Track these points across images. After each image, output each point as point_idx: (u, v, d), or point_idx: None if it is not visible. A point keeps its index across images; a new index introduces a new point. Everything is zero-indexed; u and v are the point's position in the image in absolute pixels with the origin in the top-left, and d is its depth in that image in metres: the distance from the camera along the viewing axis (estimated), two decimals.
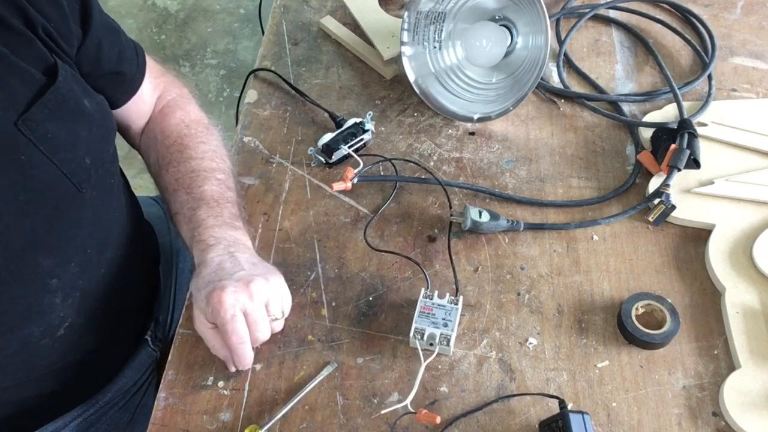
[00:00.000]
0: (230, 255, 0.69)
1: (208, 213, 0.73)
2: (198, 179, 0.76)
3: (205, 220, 0.72)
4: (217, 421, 0.67)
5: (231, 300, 0.64)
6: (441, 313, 0.71)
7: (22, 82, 0.61)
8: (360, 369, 0.71)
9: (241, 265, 0.68)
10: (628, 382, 0.69)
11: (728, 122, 0.89)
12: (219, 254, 0.69)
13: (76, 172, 0.65)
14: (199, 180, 0.76)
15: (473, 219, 0.78)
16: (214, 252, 0.69)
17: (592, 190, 0.85)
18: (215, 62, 2.33)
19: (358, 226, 0.82)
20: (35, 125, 0.61)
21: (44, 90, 0.62)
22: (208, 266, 0.68)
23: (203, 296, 0.65)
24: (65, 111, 0.64)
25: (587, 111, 0.95)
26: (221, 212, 0.74)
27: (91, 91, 0.69)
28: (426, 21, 0.93)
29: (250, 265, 0.69)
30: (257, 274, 0.67)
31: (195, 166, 0.78)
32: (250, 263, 0.69)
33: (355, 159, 0.87)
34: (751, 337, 0.70)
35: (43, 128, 0.61)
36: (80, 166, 0.66)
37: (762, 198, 0.81)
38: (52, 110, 0.62)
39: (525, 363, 0.71)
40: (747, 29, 1.05)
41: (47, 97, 0.62)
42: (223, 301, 0.63)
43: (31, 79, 0.62)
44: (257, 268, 0.69)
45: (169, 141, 0.81)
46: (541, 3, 0.84)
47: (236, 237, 0.72)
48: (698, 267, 0.78)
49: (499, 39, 0.91)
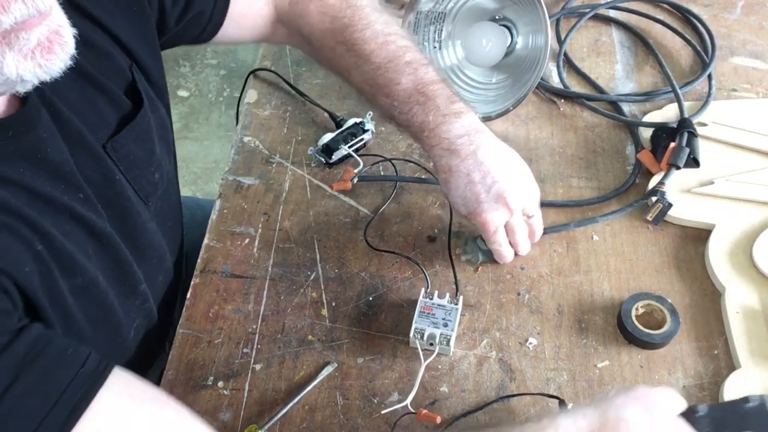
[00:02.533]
0: (474, 161, 0.69)
1: (423, 111, 0.71)
2: (389, 76, 0.72)
3: (424, 121, 0.70)
4: (217, 421, 0.67)
5: (493, 219, 0.70)
6: (441, 313, 0.71)
7: (110, 104, 0.62)
8: (360, 369, 0.71)
9: (491, 175, 0.69)
10: (628, 382, 0.69)
11: (728, 122, 0.89)
12: (462, 161, 0.69)
13: (144, 186, 0.67)
14: (390, 75, 0.72)
15: (485, 250, 0.77)
16: (455, 158, 0.70)
17: (592, 190, 0.85)
18: (215, 62, 2.33)
19: (358, 226, 0.82)
20: (120, 147, 0.63)
21: (132, 114, 0.64)
22: (455, 175, 0.70)
23: (465, 211, 0.72)
24: (147, 133, 0.66)
25: (587, 111, 0.95)
26: (436, 103, 0.71)
27: (158, 103, 0.70)
28: (426, 21, 0.93)
29: (498, 169, 0.70)
30: (509, 184, 0.70)
31: (376, 61, 0.73)
32: (498, 166, 0.70)
33: (355, 159, 0.87)
34: (751, 337, 0.70)
35: (126, 149, 0.63)
36: (150, 181, 0.67)
37: (762, 198, 0.81)
38: (138, 134, 0.65)
39: (525, 363, 0.71)
40: (747, 29, 1.05)
41: (136, 121, 0.64)
42: (487, 222, 0.70)
43: (118, 101, 0.63)
44: (505, 170, 0.70)
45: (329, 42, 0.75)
46: (541, 3, 0.84)
47: (465, 125, 0.71)
48: (698, 267, 0.78)
49: (499, 39, 0.91)
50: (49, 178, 0.55)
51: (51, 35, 0.47)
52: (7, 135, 0.52)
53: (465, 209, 0.71)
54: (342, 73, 0.77)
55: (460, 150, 0.70)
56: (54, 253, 0.54)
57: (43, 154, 0.54)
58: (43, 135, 0.55)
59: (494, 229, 0.71)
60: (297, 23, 0.78)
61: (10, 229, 0.51)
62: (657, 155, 0.85)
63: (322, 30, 0.76)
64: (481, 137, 0.71)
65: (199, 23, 0.75)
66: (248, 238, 0.82)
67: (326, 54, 0.77)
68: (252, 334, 0.73)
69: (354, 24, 0.74)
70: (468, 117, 0.71)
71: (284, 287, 0.77)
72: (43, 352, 0.47)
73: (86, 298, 0.59)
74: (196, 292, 0.77)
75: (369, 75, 0.73)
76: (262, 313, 0.75)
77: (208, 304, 0.76)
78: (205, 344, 0.73)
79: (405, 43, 0.74)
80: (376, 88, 0.73)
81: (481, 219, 0.70)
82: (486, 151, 0.70)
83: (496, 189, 0.69)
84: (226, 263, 0.79)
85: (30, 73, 0.47)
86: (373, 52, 0.73)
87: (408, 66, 0.72)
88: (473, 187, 0.69)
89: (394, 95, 0.72)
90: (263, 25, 0.80)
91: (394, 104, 0.72)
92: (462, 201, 0.71)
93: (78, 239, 0.57)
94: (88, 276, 0.58)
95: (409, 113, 0.71)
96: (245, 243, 0.81)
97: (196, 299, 0.76)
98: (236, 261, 0.79)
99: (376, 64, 0.73)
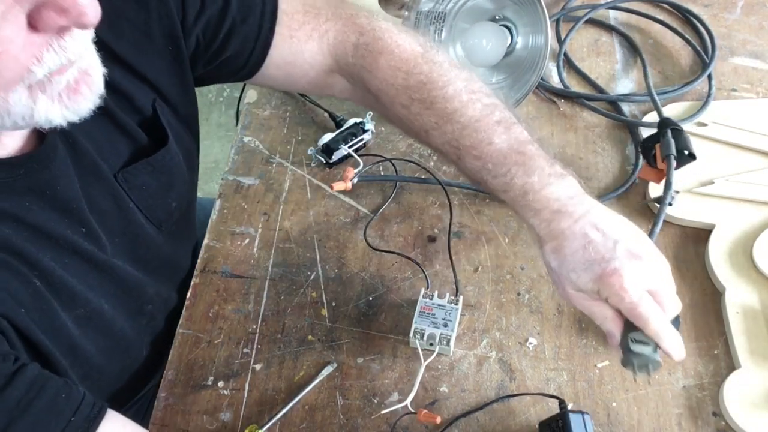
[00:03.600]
0: (589, 222, 0.59)
1: (525, 173, 0.62)
2: (478, 136, 0.64)
3: (527, 183, 0.61)
4: (217, 421, 0.67)
5: (632, 277, 0.56)
6: (441, 313, 0.71)
7: (123, 135, 0.62)
8: (360, 369, 0.71)
9: (613, 234, 0.59)
10: (628, 382, 0.69)
11: (728, 122, 0.89)
12: (575, 222, 0.59)
13: (159, 215, 0.67)
14: (479, 135, 0.64)
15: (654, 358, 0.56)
16: (566, 220, 0.60)
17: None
18: None
19: (358, 226, 0.82)
20: (132, 177, 0.63)
21: (150, 148, 0.64)
22: (570, 238, 0.59)
23: (590, 277, 0.58)
24: (166, 166, 0.66)
25: (587, 111, 0.95)
26: (539, 164, 0.62)
27: (184, 134, 0.70)
28: (426, 21, 0.93)
29: (618, 229, 0.60)
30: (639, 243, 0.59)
31: (462, 120, 0.65)
32: (618, 224, 0.60)
33: (355, 159, 0.87)
34: (751, 337, 0.70)
35: (139, 180, 0.64)
36: (165, 210, 0.68)
37: (762, 198, 0.81)
38: (155, 167, 0.65)
39: (525, 363, 0.71)
40: (747, 29, 1.05)
41: (155, 157, 0.64)
42: (626, 287, 0.55)
43: (133, 134, 0.63)
44: (627, 228, 0.60)
45: (403, 100, 0.68)
46: (541, 3, 0.84)
47: (572, 185, 0.62)
48: (698, 267, 0.78)
49: (499, 39, 0.91)
50: (54, 213, 0.55)
51: (80, 76, 0.47)
52: (19, 172, 0.52)
53: (590, 274, 0.58)
54: (418, 133, 0.69)
55: (573, 211, 0.60)
56: (53, 287, 0.55)
57: (52, 191, 0.55)
58: (56, 173, 0.55)
59: (637, 294, 0.55)
60: (362, 77, 0.70)
61: (8, 267, 0.52)
62: (651, 164, 0.83)
63: (394, 86, 0.68)
64: (590, 199, 0.61)
65: (234, 65, 0.70)
66: (248, 238, 0.82)
67: (398, 112, 0.69)
68: (252, 334, 0.73)
69: (433, 81, 0.67)
70: (572, 178, 0.63)
71: (284, 287, 0.77)
72: (36, 398, 0.47)
73: (91, 327, 0.60)
74: (196, 292, 0.77)
75: (453, 135, 0.65)
76: (262, 313, 0.75)
77: (208, 304, 0.76)
78: (205, 344, 0.73)
79: (491, 100, 0.67)
80: (462, 150, 0.65)
81: (616, 280, 0.56)
82: (600, 211, 0.60)
83: (625, 244, 0.58)
84: (226, 263, 0.79)
85: (59, 116, 0.47)
86: (457, 110, 0.65)
87: (498, 125, 0.64)
88: (595, 246, 0.58)
89: (486, 156, 0.63)
90: (316, 77, 0.72)
91: (487, 167, 0.64)
92: (584, 265, 0.58)
93: (79, 271, 0.58)
94: (90, 306, 0.59)
95: (506, 176, 0.62)
96: (245, 243, 0.81)
97: (196, 299, 0.76)
98: (236, 261, 0.79)
99: (461, 124, 0.65)
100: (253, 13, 0.66)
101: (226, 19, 0.65)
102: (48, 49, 0.43)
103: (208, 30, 0.65)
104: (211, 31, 0.65)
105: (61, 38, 0.43)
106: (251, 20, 0.66)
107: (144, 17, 0.60)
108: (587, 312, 0.60)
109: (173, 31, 0.62)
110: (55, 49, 0.43)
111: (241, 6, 0.65)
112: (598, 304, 0.59)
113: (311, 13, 0.70)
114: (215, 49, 0.67)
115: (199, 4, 0.64)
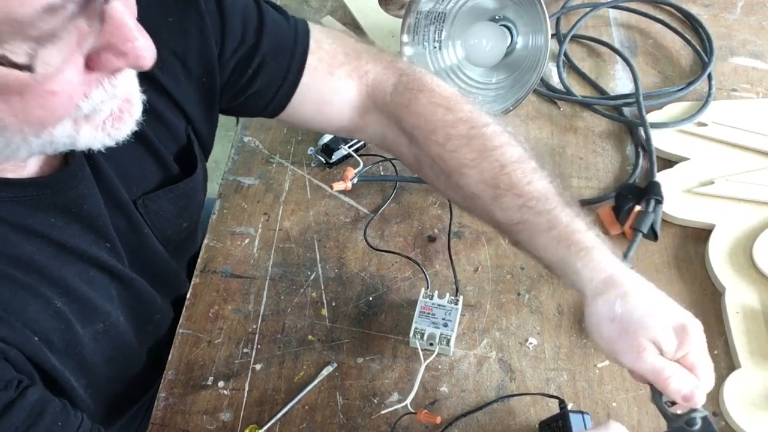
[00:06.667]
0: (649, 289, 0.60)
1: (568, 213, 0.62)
2: (518, 175, 0.64)
3: (573, 221, 0.61)
4: (217, 421, 0.67)
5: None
6: (441, 313, 0.71)
7: (156, 165, 0.63)
8: (360, 369, 0.71)
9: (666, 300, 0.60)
10: (628, 382, 0.69)
11: (728, 122, 0.89)
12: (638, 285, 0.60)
13: (169, 236, 0.67)
14: (519, 174, 0.64)
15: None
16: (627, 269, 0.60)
17: (592, 190, 0.85)
18: None
19: (358, 226, 0.82)
20: (151, 203, 0.63)
21: (177, 178, 0.64)
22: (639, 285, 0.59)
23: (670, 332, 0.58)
24: (187, 193, 0.66)
25: (587, 111, 0.95)
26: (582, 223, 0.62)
27: (203, 163, 0.70)
28: (426, 21, 0.93)
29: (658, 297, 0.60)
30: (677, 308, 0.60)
31: (501, 160, 0.65)
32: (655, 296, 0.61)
33: (355, 159, 0.87)
34: (751, 337, 0.70)
35: (157, 205, 0.63)
36: (176, 231, 0.68)
37: (762, 198, 0.81)
38: (176, 194, 0.65)
39: (525, 363, 0.71)
40: (747, 29, 1.05)
41: (179, 186, 0.64)
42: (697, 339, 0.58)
43: (167, 166, 0.63)
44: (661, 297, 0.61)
45: (439, 137, 0.67)
46: (541, 3, 0.84)
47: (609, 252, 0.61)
48: (698, 267, 0.77)
49: (499, 39, 0.91)
50: (79, 230, 0.56)
51: (122, 104, 0.46)
52: (46, 191, 0.52)
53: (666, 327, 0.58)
54: (451, 174, 0.66)
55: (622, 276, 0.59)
56: (75, 304, 0.55)
57: (78, 209, 0.55)
58: (83, 192, 0.55)
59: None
60: (399, 115, 0.69)
61: (29, 289, 0.51)
62: (619, 215, 0.80)
63: (432, 122, 0.67)
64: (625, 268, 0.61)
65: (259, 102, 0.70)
66: (248, 238, 0.82)
67: (432, 151, 0.67)
68: (252, 334, 0.73)
69: (473, 120, 0.66)
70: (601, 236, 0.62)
71: (284, 287, 0.77)
72: (32, 427, 0.48)
73: (105, 340, 0.60)
74: (196, 292, 0.77)
75: (491, 174, 0.64)
76: (262, 313, 0.75)
77: (208, 304, 0.76)
78: (205, 344, 0.73)
79: (527, 151, 0.67)
80: (501, 188, 0.64)
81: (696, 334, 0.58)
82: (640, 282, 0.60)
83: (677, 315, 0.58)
84: (226, 263, 0.79)
85: (99, 143, 0.47)
86: (497, 148, 0.65)
87: (536, 172, 0.64)
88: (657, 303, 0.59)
89: (528, 194, 0.63)
90: (350, 118, 0.71)
91: (529, 204, 0.62)
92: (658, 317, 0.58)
93: (102, 284, 0.58)
94: (110, 320, 0.59)
95: (551, 213, 0.61)
96: (245, 243, 0.81)
97: (196, 299, 0.76)
98: (236, 261, 0.79)
99: (500, 163, 0.64)
100: (283, 51, 0.66)
101: (257, 55, 0.65)
102: (98, 86, 0.43)
103: (239, 65, 0.65)
104: (242, 66, 0.65)
105: (114, 77, 0.44)
106: (281, 58, 0.66)
107: (184, 48, 0.60)
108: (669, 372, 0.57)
109: (210, 64, 0.62)
110: (106, 87, 0.43)
111: (273, 43, 0.65)
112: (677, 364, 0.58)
113: (352, 55, 0.70)
114: (242, 84, 0.67)
115: (239, 39, 0.63)
